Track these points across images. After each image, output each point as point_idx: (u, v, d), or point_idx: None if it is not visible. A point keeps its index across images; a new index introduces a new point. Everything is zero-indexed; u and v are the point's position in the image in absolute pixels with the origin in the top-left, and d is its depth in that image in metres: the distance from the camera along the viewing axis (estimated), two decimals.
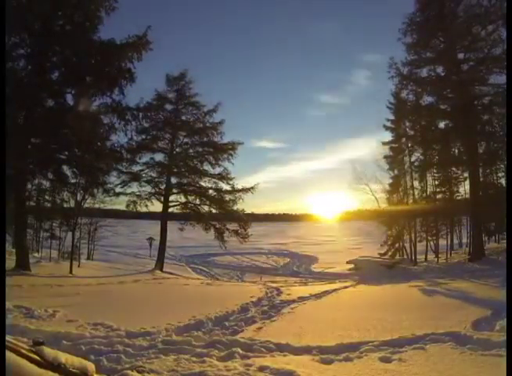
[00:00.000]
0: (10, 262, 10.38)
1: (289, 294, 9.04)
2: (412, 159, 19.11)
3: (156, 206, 17.98)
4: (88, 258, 17.97)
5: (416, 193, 19.03)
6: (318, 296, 8.79)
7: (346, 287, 10.77)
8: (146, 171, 17.52)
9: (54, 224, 17.02)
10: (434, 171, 18.73)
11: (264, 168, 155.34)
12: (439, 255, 17.16)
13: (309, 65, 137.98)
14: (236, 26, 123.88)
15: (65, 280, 10.64)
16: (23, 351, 0.78)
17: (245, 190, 17.16)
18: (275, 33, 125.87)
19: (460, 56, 15.39)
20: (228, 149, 17.18)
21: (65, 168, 12.85)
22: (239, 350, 4.44)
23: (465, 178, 18.08)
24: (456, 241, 19.82)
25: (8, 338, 0.67)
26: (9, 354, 0.71)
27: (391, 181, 20.28)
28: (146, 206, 17.68)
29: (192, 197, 17.91)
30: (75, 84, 11.32)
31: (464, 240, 18.44)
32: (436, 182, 18.84)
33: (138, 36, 11.35)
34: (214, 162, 17.46)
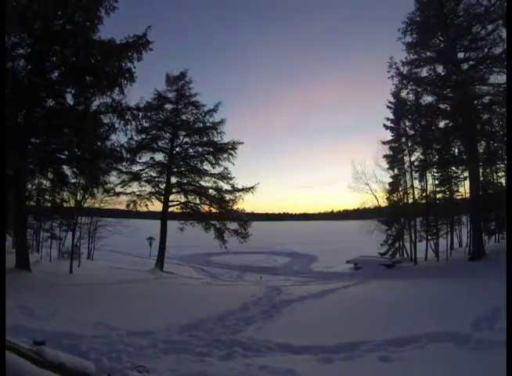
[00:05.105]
0: (10, 261, 10.38)
1: (289, 294, 9.05)
2: (412, 159, 19.16)
3: (157, 206, 18.01)
4: (88, 258, 17.96)
5: (416, 192, 19.05)
6: (318, 295, 8.79)
7: (346, 287, 10.77)
8: (145, 171, 17.54)
9: (54, 224, 17.02)
10: (434, 170, 18.73)
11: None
12: (439, 255, 17.15)
13: None
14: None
15: (65, 279, 10.65)
16: (24, 351, 0.79)
17: (245, 190, 17.15)
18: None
19: (460, 55, 15.36)
20: (229, 148, 17.16)
21: (65, 168, 12.85)
22: (239, 349, 4.45)
23: (465, 178, 18.09)
24: (456, 241, 19.81)
25: (8, 337, 0.68)
26: (9, 354, 0.71)
27: (391, 180, 20.33)
28: (146, 206, 17.70)
29: (192, 197, 17.90)
30: (75, 84, 11.30)
31: (464, 240, 18.43)
32: (436, 182, 18.87)
33: (138, 36, 11.32)
34: (214, 162, 17.44)
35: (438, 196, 19.01)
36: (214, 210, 17.64)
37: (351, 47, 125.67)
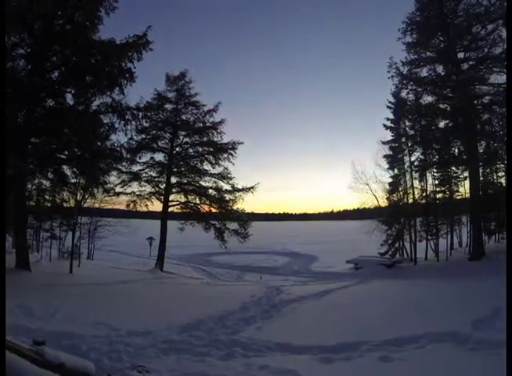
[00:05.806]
0: (10, 261, 10.38)
1: (289, 294, 9.05)
2: (412, 159, 19.15)
3: (157, 206, 18.02)
4: (88, 258, 17.96)
5: (416, 192, 19.04)
6: (318, 295, 8.79)
7: (346, 287, 10.78)
8: (145, 171, 17.54)
9: (54, 224, 17.02)
10: (434, 170, 18.72)
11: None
12: (439, 255, 17.15)
13: None
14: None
15: (65, 279, 10.64)
16: (24, 351, 0.79)
17: (245, 190, 17.15)
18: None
19: (460, 55, 15.35)
20: (229, 148, 17.15)
21: (65, 168, 12.86)
22: (239, 349, 4.45)
23: (465, 178, 18.09)
24: (456, 241, 19.80)
25: (8, 337, 0.67)
26: (9, 354, 0.71)
27: (391, 180, 20.32)
28: (146, 206, 17.71)
29: (192, 197, 17.91)
30: (75, 84, 11.30)
31: (464, 240, 18.42)
32: (436, 182, 18.85)
33: (138, 36, 11.32)
34: (214, 162, 17.44)
35: (438, 196, 19.00)
36: (214, 210, 17.66)
37: (351, 46, 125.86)
